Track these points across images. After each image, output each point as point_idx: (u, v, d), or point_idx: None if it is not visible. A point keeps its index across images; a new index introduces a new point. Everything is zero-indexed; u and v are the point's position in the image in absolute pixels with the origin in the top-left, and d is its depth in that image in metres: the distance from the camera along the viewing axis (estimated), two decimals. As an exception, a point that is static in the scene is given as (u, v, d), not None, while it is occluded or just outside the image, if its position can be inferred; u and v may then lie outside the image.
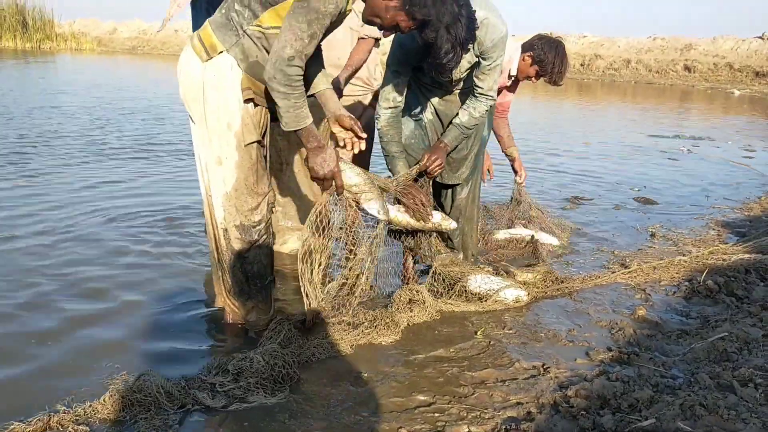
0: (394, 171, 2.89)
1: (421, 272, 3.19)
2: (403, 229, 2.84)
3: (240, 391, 2.06)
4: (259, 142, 2.33)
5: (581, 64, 24.09)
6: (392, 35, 2.70)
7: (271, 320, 2.51)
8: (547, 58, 3.35)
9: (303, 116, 2.15)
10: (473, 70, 2.76)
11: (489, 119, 3.21)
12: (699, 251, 3.78)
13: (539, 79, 3.48)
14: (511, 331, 2.69)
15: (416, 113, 3.00)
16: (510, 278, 3.10)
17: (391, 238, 3.02)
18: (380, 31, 2.29)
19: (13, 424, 1.82)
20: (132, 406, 1.93)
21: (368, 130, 3.08)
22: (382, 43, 3.45)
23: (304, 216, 3.45)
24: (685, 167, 7.05)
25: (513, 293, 2.96)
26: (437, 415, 2.03)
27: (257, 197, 2.36)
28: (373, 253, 2.59)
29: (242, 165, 2.29)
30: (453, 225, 2.88)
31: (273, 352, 2.20)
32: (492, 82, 2.76)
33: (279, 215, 3.43)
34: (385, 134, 2.85)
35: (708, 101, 16.78)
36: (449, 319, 2.79)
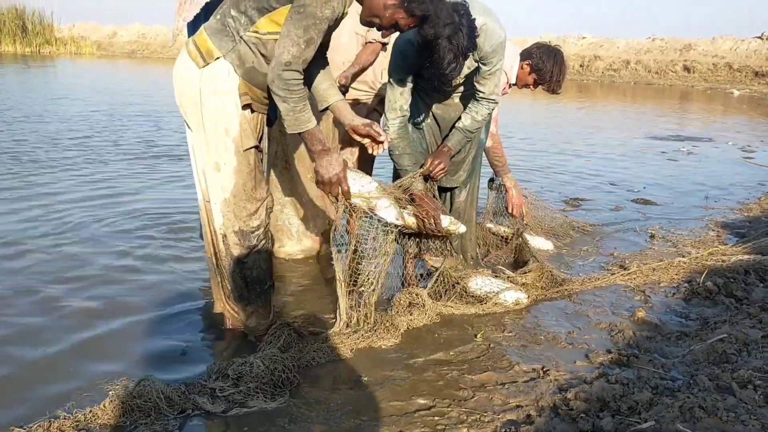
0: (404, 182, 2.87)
1: (422, 276, 3.19)
2: (410, 231, 2.83)
3: (240, 396, 2.06)
4: (257, 147, 2.33)
5: (580, 65, 24.12)
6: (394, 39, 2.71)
7: (270, 325, 2.51)
8: (546, 66, 3.35)
9: (304, 120, 2.16)
10: (472, 75, 2.77)
11: (487, 123, 3.22)
12: (698, 252, 3.78)
13: (537, 87, 3.49)
14: (510, 334, 2.69)
15: (414, 117, 3.00)
16: (508, 281, 3.10)
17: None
18: (379, 32, 2.29)
19: (14, 430, 1.83)
20: (132, 411, 1.93)
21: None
22: (389, 46, 3.46)
23: (305, 218, 3.47)
24: (685, 168, 7.05)
25: (513, 296, 2.97)
26: (437, 418, 2.03)
27: (256, 202, 2.36)
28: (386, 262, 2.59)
29: (241, 170, 2.30)
30: (462, 229, 2.83)
31: (273, 357, 2.20)
32: (493, 86, 2.76)
33: (279, 215, 3.42)
34: (396, 147, 2.81)
35: (707, 101, 16.80)
36: (449, 323, 2.79)
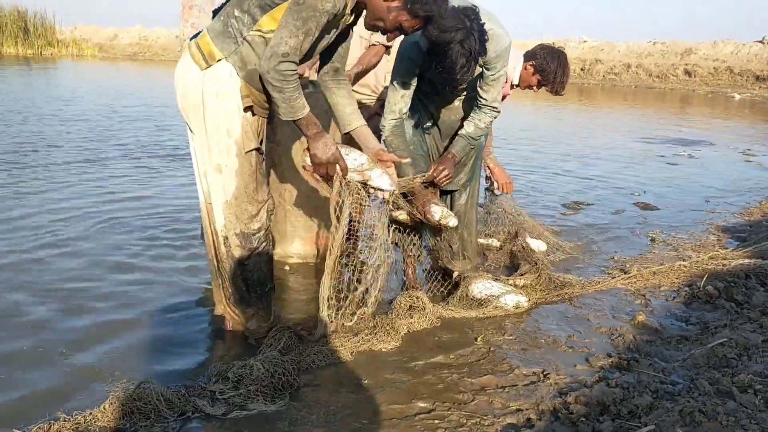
0: (401, 175, 2.86)
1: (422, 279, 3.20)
2: (404, 223, 2.83)
3: (240, 399, 2.07)
4: (258, 150, 2.34)
5: (581, 69, 24.12)
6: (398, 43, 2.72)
7: (271, 327, 2.51)
8: (549, 67, 3.36)
9: (299, 107, 2.17)
10: (475, 80, 2.77)
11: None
12: (699, 256, 3.78)
13: (540, 88, 3.50)
14: (511, 338, 2.69)
15: (415, 120, 3.01)
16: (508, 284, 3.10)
17: (393, 245, 3.03)
18: (384, 35, 2.30)
19: (14, 432, 1.83)
20: (132, 414, 1.93)
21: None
22: (393, 49, 3.46)
23: (305, 220, 3.46)
24: (686, 172, 7.05)
25: (513, 299, 2.97)
26: (437, 422, 2.03)
27: (257, 205, 2.36)
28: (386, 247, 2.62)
29: (242, 172, 2.30)
30: (453, 222, 2.81)
31: (273, 360, 2.20)
32: (496, 93, 2.77)
33: (282, 218, 3.41)
34: (390, 144, 2.83)
35: (708, 105, 16.80)
36: (449, 326, 2.79)
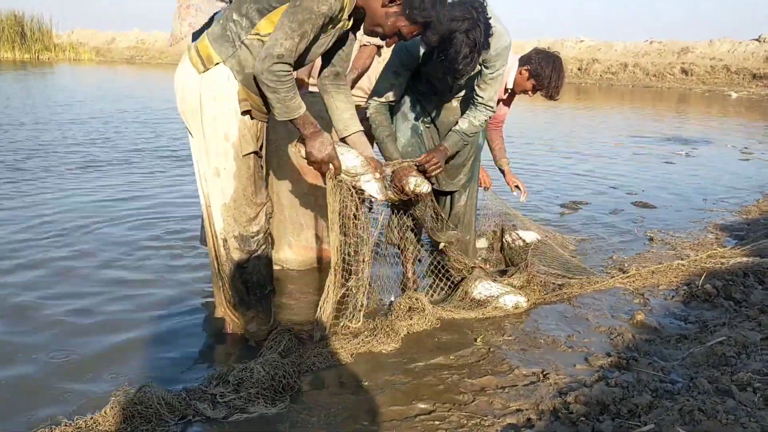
0: (386, 154, 2.85)
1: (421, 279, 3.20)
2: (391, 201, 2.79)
3: (241, 402, 2.07)
4: (257, 153, 2.35)
5: (579, 69, 24.17)
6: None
7: (271, 330, 2.52)
8: (544, 72, 3.37)
9: (294, 107, 2.17)
10: (473, 79, 2.78)
11: (483, 128, 3.23)
12: (697, 255, 3.79)
13: (535, 93, 3.51)
14: (510, 338, 2.70)
15: (413, 122, 3.01)
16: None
17: (391, 246, 3.04)
18: (383, 41, 2.31)
19: (15, 437, 1.84)
20: (133, 417, 1.93)
21: (369, 139, 3.08)
22: (384, 51, 3.46)
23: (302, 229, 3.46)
24: (683, 171, 7.06)
25: (512, 299, 2.98)
26: (437, 423, 2.04)
27: (255, 207, 2.37)
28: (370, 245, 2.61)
29: (240, 175, 2.31)
30: (426, 188, 2.69)
31: (273, 362, 2.20)
32: (493, 92, 2.78)
33: (281, 223, 3.41)
34: (374, 120, 2.84)
35: (705, 104, 16.84)
36: (449, 327, 2.79)
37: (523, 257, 3.46)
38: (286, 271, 3.39)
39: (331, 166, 2.33)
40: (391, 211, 2.94)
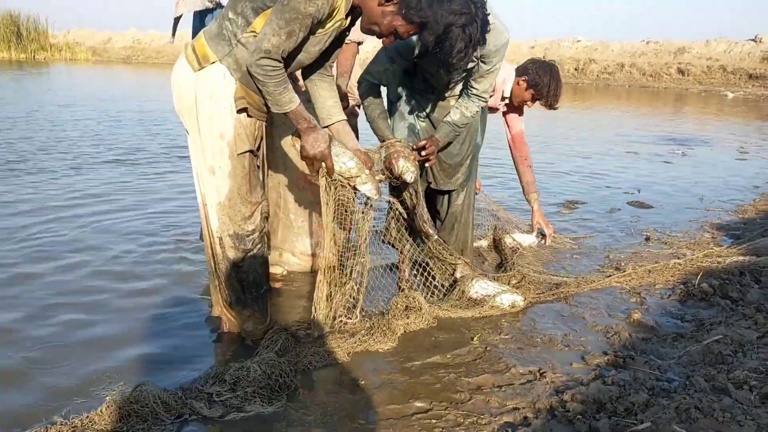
0: (378, 133, 2.86)
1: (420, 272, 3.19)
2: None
3: (237, 401, 2.06)
4: (253, 152, 2.34)
5: (575, 69, 24.22)
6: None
7: (267, 329, 2.51)
8: (542, 81, 3.39)
9: (285, 101, 2.17)
10: (468, 77, 2.78)
11: (483, 126, 3.24)
12: (693, 254, 3.79)
13: (535, 103, 3.53)
14: (507, 337, 2.70)
15: (409, 119, 3.02)
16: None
17: (390, 245, 3.03)
18: (380, 38, 2.31)
19: (10, 436, 1.83)
20: (129, 416, 1.92)
21: (355, 131, 3.07)
22: (366, 50, 3.45)
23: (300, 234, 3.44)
24: (680, 170, 7.08)
25: (509, 298, 2.98)
26: (434, 421, 2.03)
27: (251, 206, 2.37)
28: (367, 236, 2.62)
29: (235, 174, 2.31)
30: (410, 177, 2.67)
31: (270, 361, 2.20)
32: (488, 85, 2.79)
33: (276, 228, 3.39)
34: (365, 99, 2.85)
35: (702, 104, 16.88)
36: (445, 326, 2.79)
37: (512, 259, 3.48)
38: (288, 274, 3.38)
39: (324, 165, 2.33)
40: (389, 210, 2.95)
